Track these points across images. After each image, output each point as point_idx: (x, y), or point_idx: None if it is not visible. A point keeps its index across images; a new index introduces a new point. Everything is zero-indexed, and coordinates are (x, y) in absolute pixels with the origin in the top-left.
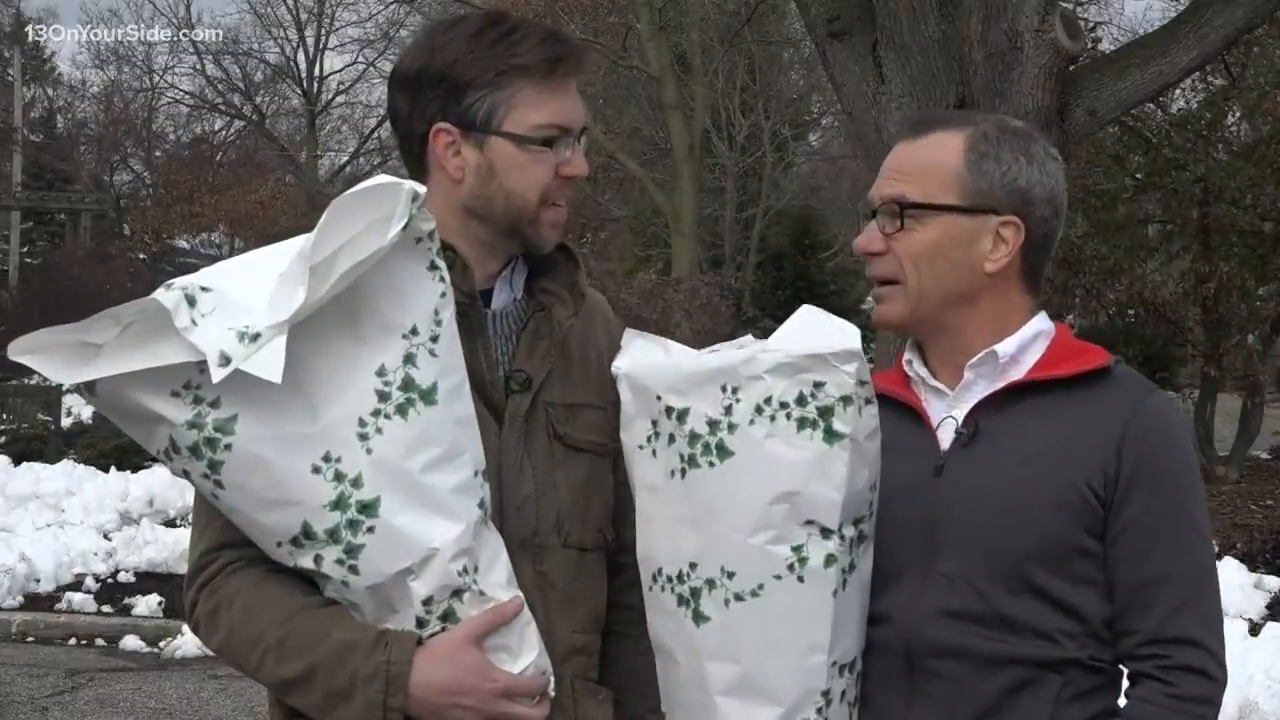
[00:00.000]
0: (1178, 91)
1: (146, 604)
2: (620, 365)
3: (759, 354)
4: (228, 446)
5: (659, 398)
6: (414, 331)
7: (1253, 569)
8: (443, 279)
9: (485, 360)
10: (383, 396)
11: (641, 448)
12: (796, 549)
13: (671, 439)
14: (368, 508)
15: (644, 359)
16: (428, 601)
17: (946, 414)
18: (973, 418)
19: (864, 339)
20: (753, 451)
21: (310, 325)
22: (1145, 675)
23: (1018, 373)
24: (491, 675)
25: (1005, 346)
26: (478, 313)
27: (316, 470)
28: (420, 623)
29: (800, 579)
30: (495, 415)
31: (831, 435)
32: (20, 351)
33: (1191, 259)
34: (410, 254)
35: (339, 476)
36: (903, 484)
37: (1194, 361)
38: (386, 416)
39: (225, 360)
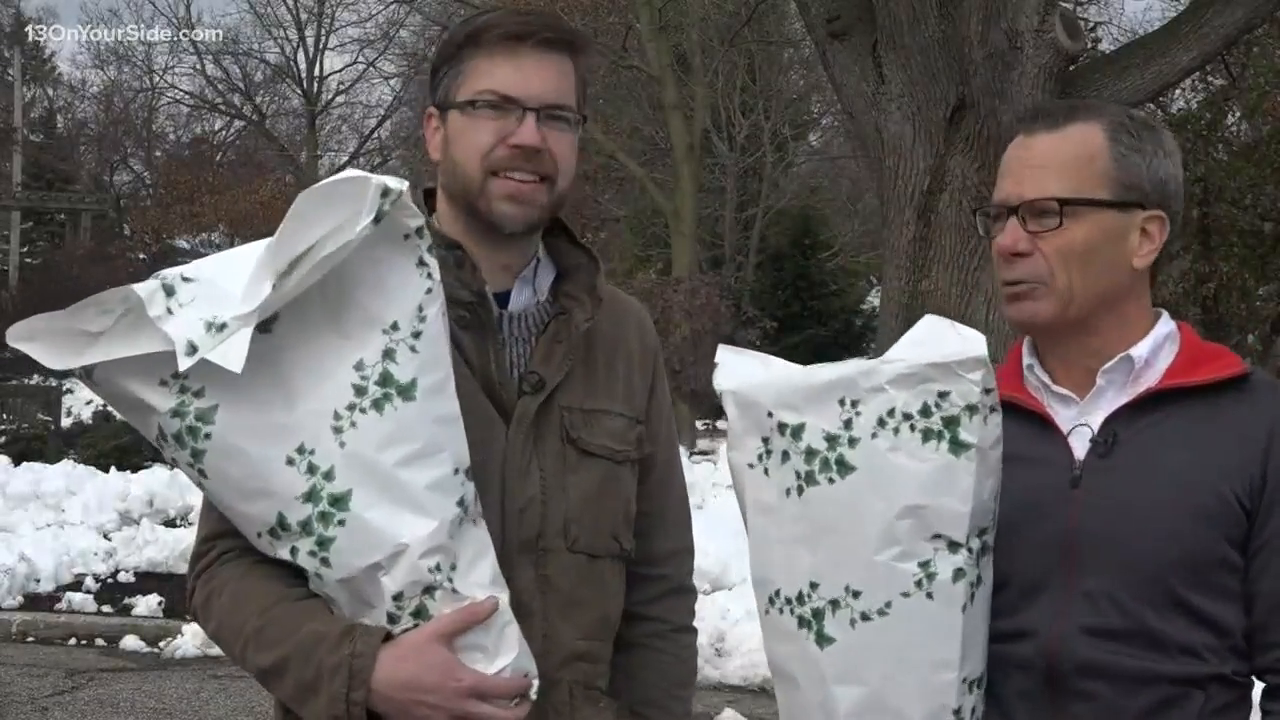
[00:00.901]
0: (1178, 91)
1: (146, 604)
2: (723, 383)
3: (880, 365)
4: (208, 435)
5: (770, 414)
6: (395, 327)
7: None
8: (430, 276)
9: (496, 361)
10: (359, 390)
11: (752, 466)
12: (924, 564)
13: (785, 456)
14: (339, 501)
15: (746, 375)
16: (398, 597)
17: (1078, 421)
18: (1109, 426)
19: (862, 338)
20: (876, 465)
21: (297, 317)
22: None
23: (1151, 378)
24: (457, 674)
25: (1139, 350)
26: (488, 312)
27: (290, 462)
28: (391, 618)
29: (929, 595)
30: (504, 416)
31: (958, 446)
32: (18, 338)
33: (1191, 259)
34: (397, 249)
35: (312, 469)
36: (1038, 495)
37: None
38: (362, 410)
39: (192, 349)
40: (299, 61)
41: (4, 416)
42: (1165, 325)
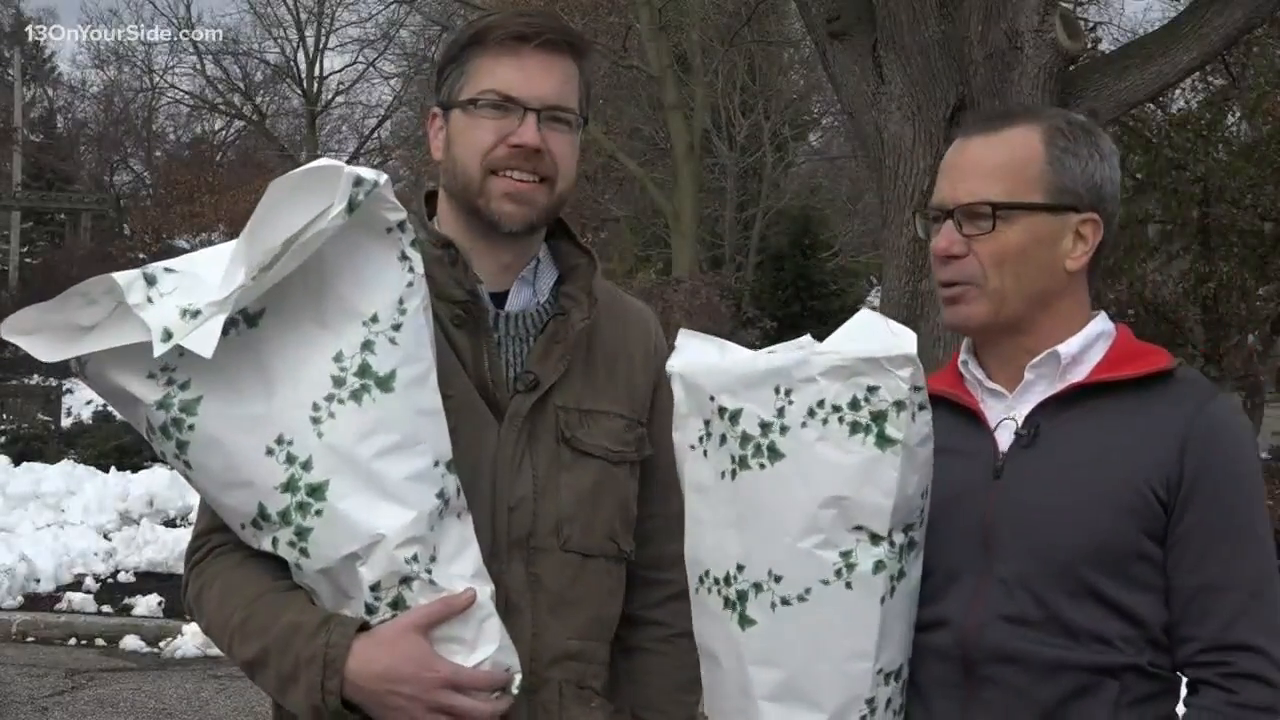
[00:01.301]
0: (1178, 91)
1: (146, 604)
2: (674, 364)
3: (813, 356)
4: (191, 427)
5: (712, 398)
6: (374, 319)
7: None
8: (412, 270)
9: (489, 359)
10: (338, 381)
11: (693, 448)
12: (845, 554)
13: (723, 440)
14: (316, 491)
15: (698, 358)
16: (375, 588)
17: (1005, 415)
18: (1033, 419)
19: None
20: (804, 454)
21: (280, 308)
22: (1206, 683)
23: (1079, 374)
24: (432, 665)
25: (1068, 347)
26: (481, 311)
27: (269, 452)
28: (369, 609)
29: (848, 585)
30: (497, 415)
31: (884, 440)
32: (11, 331)
33: (1191, 259)
34: (378, 242)
35: (290, 459)
36: (961, 487)
37: (1194, 361)
38: (340, 402)
39: (167, 336)
40: (299, 61)
41: (4, 416)
42: (1100, 324)
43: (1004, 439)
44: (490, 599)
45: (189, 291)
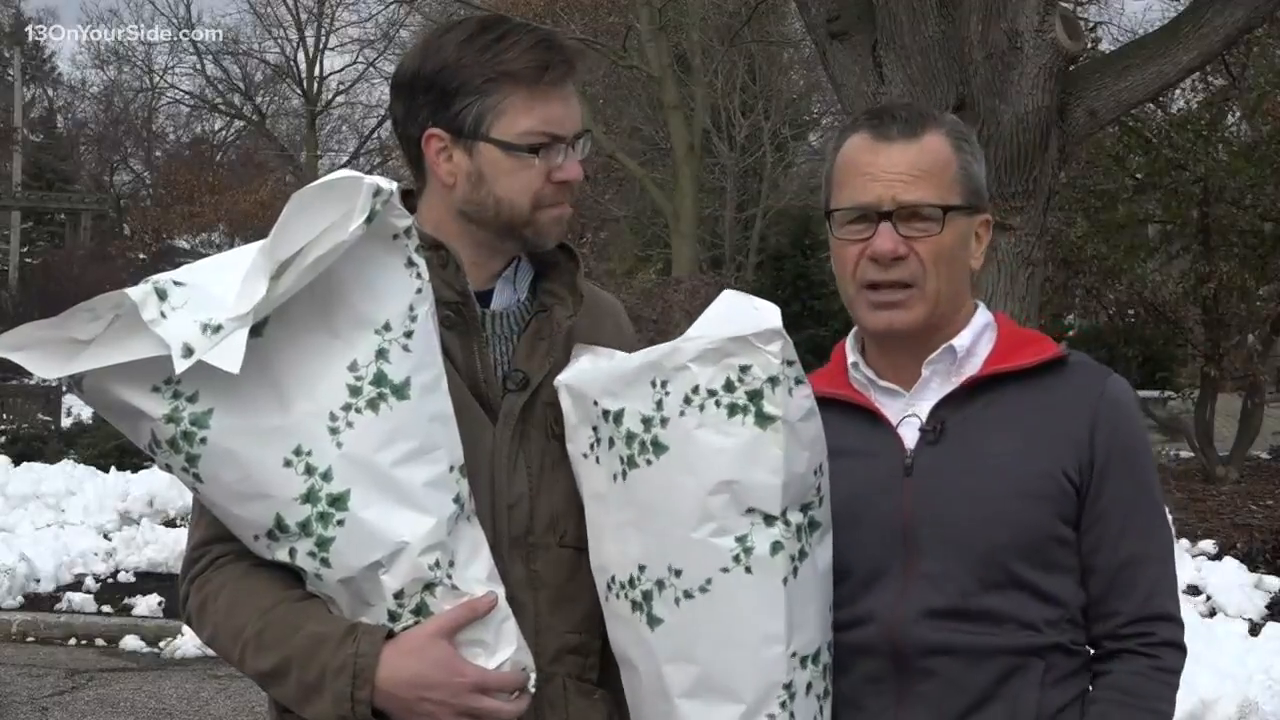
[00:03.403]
0: (1178, 91)
1: (146, 604)
2: (560, 378)
3: (682, 344)
4: (203, 440)
5: (595, 402)
6: (387, 327)
7: (1253, 569)
8: (419, 275)
9: (481, 359)
10: (354, 391)
11: (585, 456)
12: (741, 539)
13: (611, 443)
14: (337, 501)
15: (580, 368)
16: (399, 595)
17: (906, 412)
18: (937, 414)
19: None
20: (686, 444)
21: (287, 319)
22: (1129, 652)
23: (973, 366)
24: (460, 669)
25: (961, 340)
26: (472, 312)
27: (288, 464)
28: (393, 616)
29: (748, 569)
30: (490, 414)
31: (763, 419)
32: (7, 348)
33: (1191, 259)
34: (386, 250)
35: (309, 470)
36: (868, 486)
37: (1194, 361)
38: (358, 411)
39: (188, 352)
40: (299, 61)
41: (4, 416)
42: (983, 315)
43: (909, 436)
44: (505, 600)
45: (202, 305)
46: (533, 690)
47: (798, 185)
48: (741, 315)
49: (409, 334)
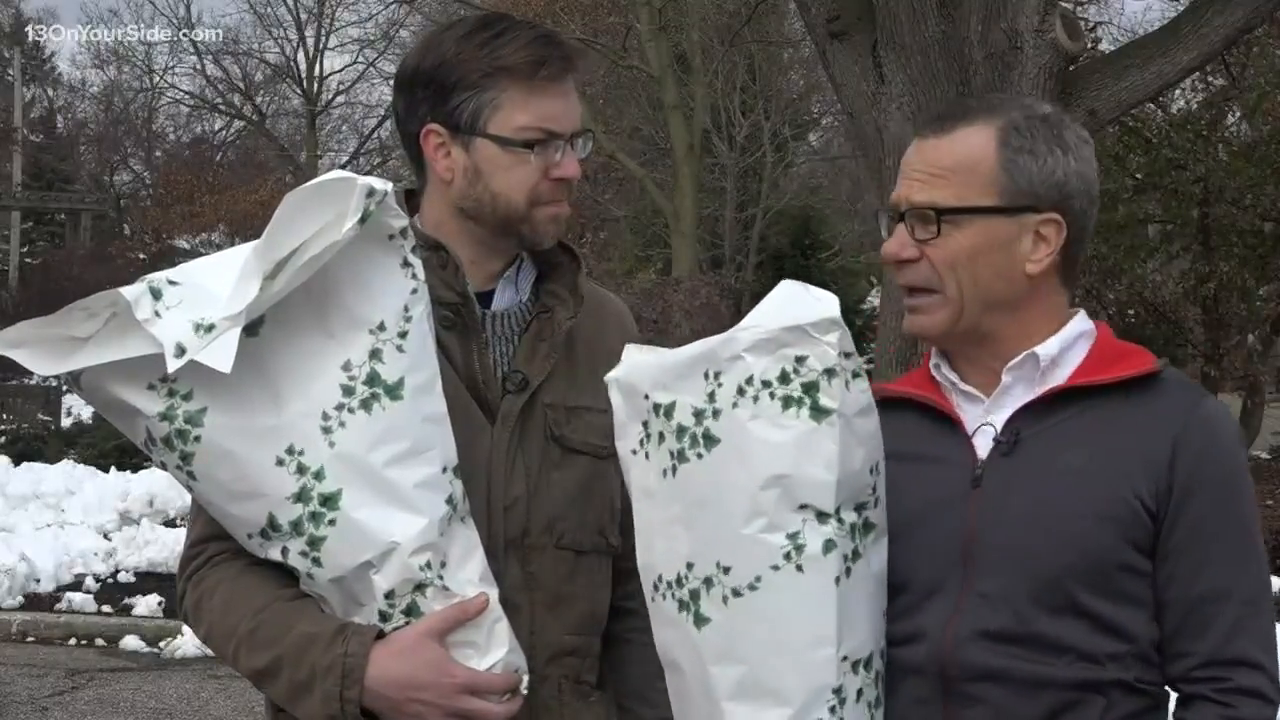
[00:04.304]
0: (1178, 91)
1: (146, 604)
2: (611, 374)
3: (737, 333)
4: (197, 438)
5: (646, 396)
6: (381, 327)
7: None
8: (415, 276)
9: (480, 360)
10: (347, 391)
11: (635, 453)
12: (792, 536)
13: (661, 438)
14: (329, 500)
15: (636, 362)
16: (389, 595)
17: (983, 421)
18: (1013, 425)
19: (862, 338)
20: (738, 436)
21: (283, 319)
22: (1201, 698)
23: (1059, 377)
24: (450, 670)
25: (1047, 348)
26: (472, 313)
27: (280, 463)
28: (383, 616)
29: (799, 568)
30: (489, 415)
31: (819, 411)
32: (5, 345)
33: (1191, 259)
34: (382, 250)
35: (302, 469)
36: (937, 495)
37: (1194, 361)
38: (350, 411)
39: (181, 351)
40: (299, 61)
41: (4, 416)
42: (1079, 325)
43: (982, 446)
44: (498, 602)
45: (195, 304)
46: (525, 692)
47: (798, 185)
48: (799, 305)
49: (403, 334)
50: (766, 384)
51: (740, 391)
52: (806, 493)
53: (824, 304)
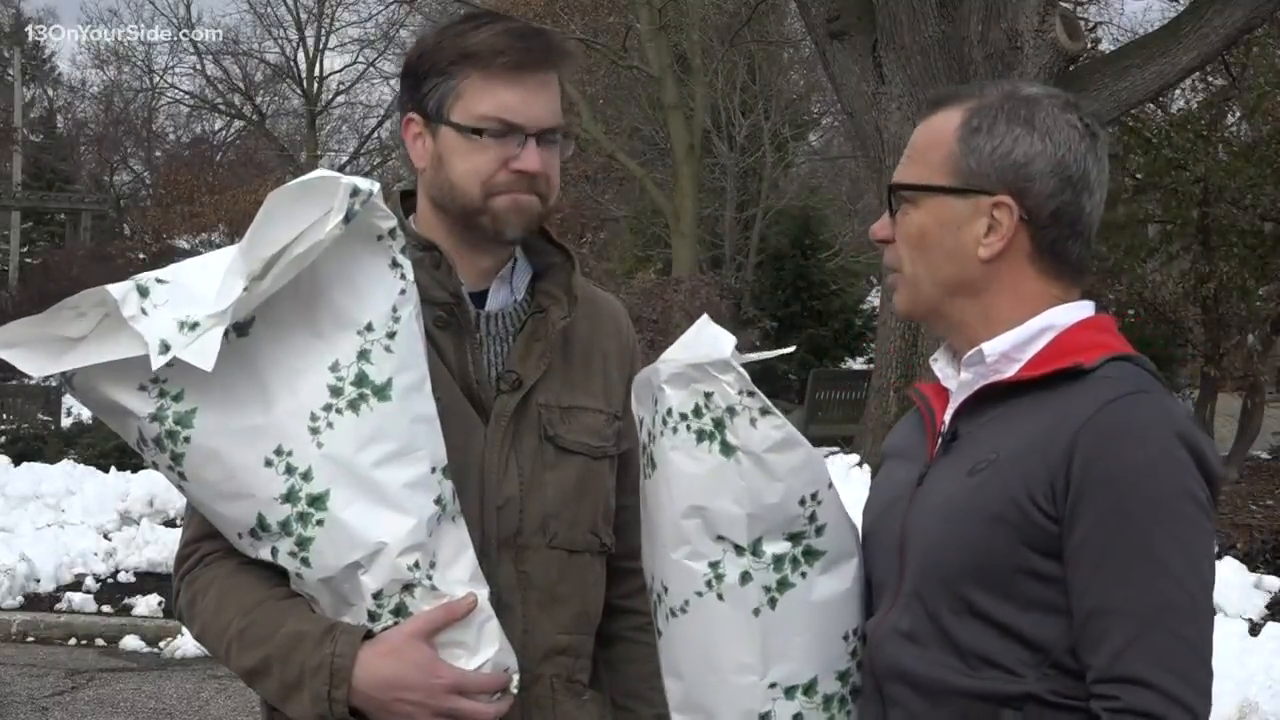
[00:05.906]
0: (1178, 91)
1: (146, 604)
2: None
3: (659, 364)
4: (187, 439)
5: (634, 405)
6: (369, 328)
7: (1253, 569)
8: (404, 276)
9: (474, 360)
10: (335, 391)
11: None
12: (714, 565)
13: (644, 446)
14: (317, 501)
15: (642, 372)
16: (378, 595)
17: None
18: (954, 422)
19: (862, 338)
20: (665, 464)
21: (272, 319)
22: (1096, 716)
23: (1010, 372)
24: (438, 670)
25: (994, 344)
26: (465, 313)
27: (269, 463)
28: (372, 616)
29: (719, 596)
30: (482, 415)
31: (726, 448)
32: None
33: (1191, 259)
34: (369, 250)
35: (290, 470)
36: (894, 494)
37: (1194, 361)
38: (338, 411)
39: (165, 348)
40: (299, 61)
41: (4, 416)
42: (1050, 318)
43: (936, 444)
44: (488, 602)
45: (182, 302)
46: (515, 691)
47: (798, 185)
48: (704, 343)
49: (392, 335)
50: (684, 416)
51: (664, 421)
52: (722, 525)
53: (720, 344)
